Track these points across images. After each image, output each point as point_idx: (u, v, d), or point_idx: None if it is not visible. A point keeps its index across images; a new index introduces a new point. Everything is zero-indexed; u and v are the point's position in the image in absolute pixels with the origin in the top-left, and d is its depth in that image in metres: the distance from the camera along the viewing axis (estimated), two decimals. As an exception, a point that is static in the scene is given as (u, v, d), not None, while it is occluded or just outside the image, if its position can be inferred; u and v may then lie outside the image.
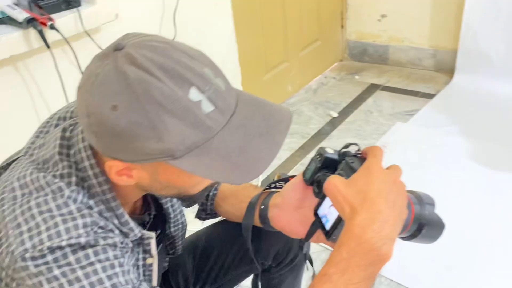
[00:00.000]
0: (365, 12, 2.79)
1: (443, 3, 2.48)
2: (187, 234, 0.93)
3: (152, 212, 0.77)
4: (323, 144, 2.11)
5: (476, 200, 1.64)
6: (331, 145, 2.06)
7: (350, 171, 0.64)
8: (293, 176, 0.79)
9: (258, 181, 1.87)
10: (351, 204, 0.57)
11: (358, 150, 0.67)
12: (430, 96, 2.41)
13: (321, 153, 0.71)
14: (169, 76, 0.53)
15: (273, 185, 0.82)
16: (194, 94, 0.54)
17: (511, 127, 2.04)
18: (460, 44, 2.43)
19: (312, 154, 2.03)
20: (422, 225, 0.64)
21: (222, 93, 0.57)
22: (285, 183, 0.80)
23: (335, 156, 0.70)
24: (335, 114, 2.35)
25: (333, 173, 0.68)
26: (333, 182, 0.60)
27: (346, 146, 0.69)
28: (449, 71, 2.58)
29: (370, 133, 2.14)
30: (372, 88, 2.58)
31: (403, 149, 1.97)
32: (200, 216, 0.94)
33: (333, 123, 2.28)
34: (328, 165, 0.71)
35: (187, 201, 0.75)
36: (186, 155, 0.55)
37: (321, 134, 2.21)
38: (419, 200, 0.66)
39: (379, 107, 2.37)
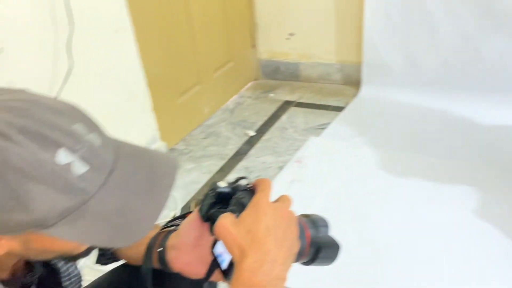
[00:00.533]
0: (273, 32, 2.86)
1: (345, 20, 2.61)
2: (93, 278, 0.86)
3: (37, 273, 0.70)
4: (241, 164, 2.11)
5: (387, 208, 1.72)
6: (247, 164, 2.07)
7: (241, 207, 0.62)
8: (190, 212, 0.76)
9: (176, 209, 1.83)
10: (241, 246, 0.56)
11: (248, 184, 0.66)
12: (340, 109, 2.51)
13: (213, 188, 0.69)
14: (31, 139, 0.48)
15: (170, 224, 0.79)
16: (62, 156, 0.49)
17: (414, 134, 2.18)
18: (364, 58, 2.57)
19: (231, 175, 2.03)
20: (319, 248, 0.65)
21: (97, 150, 0.53)
22: (183, 219, 0.77)
23: (228, 190, 0.69)
24: (252, 133, 2.37)
25: (227, 207, 0.66)
26: (223, 223, 0.58)
27: (237, 180, 0.68)
28: (356, 83, 2.71)
29: (285, 149, 2.18)
30: (286, 105, 2.65)
31: (317, 163, 2.03)
32: (100, 261, 0.88)
33: (251, 142, 2.30)
34: (222, 199, 0.69)
35: (72, 259, 0.69)
36: (59, 222, 0.50)
37: (240, 154, 2.21)
38: (314, 224, 0.67)
39: (293, 123, 2.43)
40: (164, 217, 1.59)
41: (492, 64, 2.24)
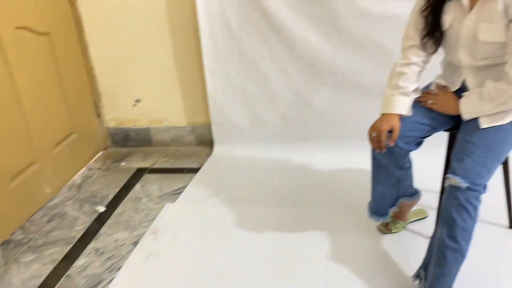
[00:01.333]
0: (119, 99, 2.78)
1: (189, 83, 2.66)
2: None
3: None
4: (91, 246, 1.91)
5: (249, 265, 1.70)
6: (98, 245, 1.88)
7: None
8: None
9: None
10: None
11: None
12: (195, 170, 2.49)
13: None
14: None
15: None
16: None
17: (266, 187, 2.25)
18: (212, 119, 2.63)
19: (80, 261, 1.81)
20: None
21: None
22: None
23: None
24: (102, 209, 2.20)
25: None
26: None
27: None
28: (209, 143, 2.74)
29: (140, 221, 2.05)
30: (139, 173, 2.54)
31: (174, 231, 1.94)
32: None
33: (101, 219, 2.12)
34: None
35: None
36: None
37: (89, 234, 2.01)
38: None
39: (148, 191, 2.33)
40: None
41: (323, 114, 2.47)
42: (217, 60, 2.47)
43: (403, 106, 1.45)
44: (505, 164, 1.67)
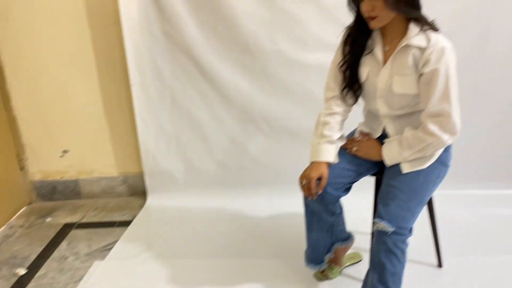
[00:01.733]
0: (45, 150, 2.63)
1: (120, 132, 2.58)
2: None
3: None
4: (7, 315, 1.73)
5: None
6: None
7: None
8: None
9: None
10: None
11: None
12: (127, 223, 2.38)
13: None
14: None
15: None
16: None
17: (202, 238, 2.18)
18: (144, 168, 2.55)
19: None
20: None
21: None
22: None
23: None
24: (23, 271, 2.01)
25: None
26: None
27: None
28: (143, 193, 2.65)
29: (65, 283, 1.90)
30: (66, 229, 2.37)
31: (102, 292, 1.81)
32: None
33: (21, 283, 1.93)
34: None
35: None
36: None
37: (6, 302, 1.82)
38: None
39: (75, 249, 2.17)
40: None
41: (258, 160, 2.48)
42: (149, 108, 2.43)
43: (330, 154, 1.49)
44: (430, 205, 1.74)
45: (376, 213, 1.41)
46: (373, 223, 1.40)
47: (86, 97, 2.51)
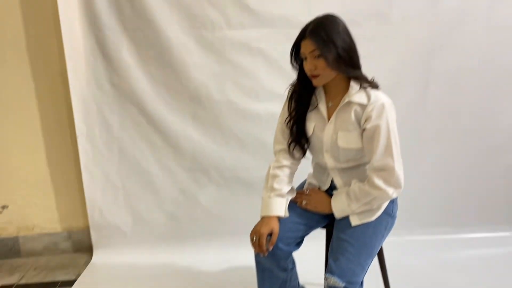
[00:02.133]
0: (-19, 206, 2.46)
1: (64, 185, 2.46)
2: None
3: None
4: None
5: None
6: None
7: None
8: None
9: None
10: None
11: None
12: (71, 283, 2.22)
13: None
14: None
15: None
16: None
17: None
18: (90, 222, 2.42)
19: None
20: None
21: None
22: None
23: None
24: None
25: None
26: None
27: None
28: (89, 249, 2.51)
29: None
30: (1, 293, 2.19)
31: None
32: None
33: None
34: None
35: None
36: None
37: None
38: None
39: (10, 315, 2.00)
40: None
41: (210, 210, 2.43)
42: (95, 160, 2.34)
43: (280, 208, 1.48)
44: (380, 255, 1.75)
45: (327, 268, 1.39)
46: (325, 279, 1.39)
47: (27, 149, 2.39)
